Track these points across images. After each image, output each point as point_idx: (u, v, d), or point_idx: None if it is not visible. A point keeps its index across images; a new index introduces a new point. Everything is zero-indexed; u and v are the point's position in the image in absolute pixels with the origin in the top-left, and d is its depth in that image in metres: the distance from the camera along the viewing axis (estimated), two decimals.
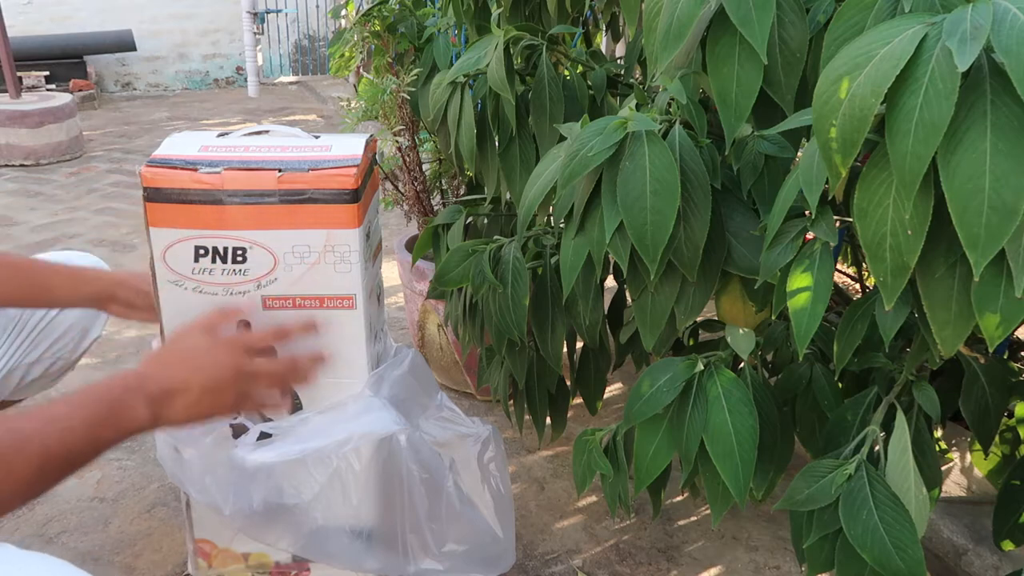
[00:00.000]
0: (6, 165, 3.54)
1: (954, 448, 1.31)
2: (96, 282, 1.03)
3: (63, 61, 4.99)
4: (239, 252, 0.89)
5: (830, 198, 0.68)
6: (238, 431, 0.94)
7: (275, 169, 0.87)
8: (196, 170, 0.86)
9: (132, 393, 0.76)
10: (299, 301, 0.92)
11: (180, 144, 0.92)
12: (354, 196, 0.87)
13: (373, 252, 1.00)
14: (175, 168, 0.86)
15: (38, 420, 0.71)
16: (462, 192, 1.69)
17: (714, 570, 1.25)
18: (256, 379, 0.84)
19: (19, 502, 0.70)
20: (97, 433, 0.74)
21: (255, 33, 5.22)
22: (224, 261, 0.89)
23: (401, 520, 0.98)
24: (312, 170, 0.87)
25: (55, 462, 0.71)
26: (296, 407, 0.97)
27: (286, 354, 0.90)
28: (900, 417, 0.77)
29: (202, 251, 0.89)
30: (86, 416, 0.73)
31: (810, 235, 0.71)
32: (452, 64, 1.23)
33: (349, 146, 0.94)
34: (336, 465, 0.92)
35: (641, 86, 1.00)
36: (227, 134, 0.96)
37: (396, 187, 1.68)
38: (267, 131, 0.97)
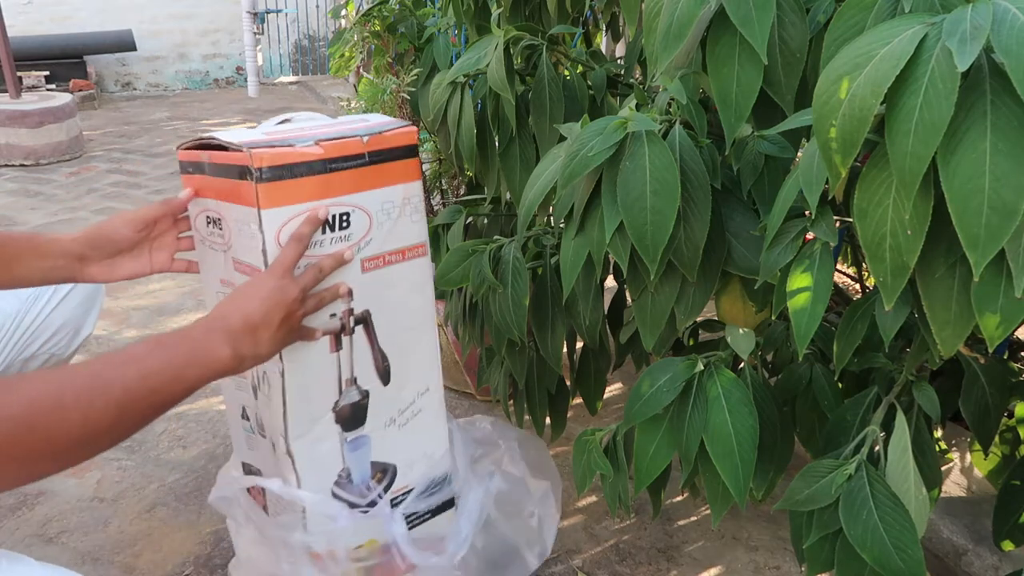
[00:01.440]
0: (6, 165, 3.54)
1: (954, 448, 1.31)
2: (57, 255, 0.92)
3: (63, 61, 4.99)
4: (344, 218, 0.90)
5: (830, 198, 0.68)
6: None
7: (357, 136, 0.90)
8: (294, 146, 0.86)
9: (214, 333, 0.78)
10: (388, 257, 0.95)
11: (240, 136, 0.90)
12: (416, 150, 0.95)
13: None
14: (275, 147, 0.85)
15: (118, 364, 0.71)
16: (462, 192, 1.69)
17: (714, 570, 1.25)
18: (309, 290, 0.85)
19: (100, 447, 0.70)
20: (181, 374, 0.74)
21: (255, 33, 5.22)
22: (332, 229, 0.90)
23: None
24: (384, 132, 0.92)
25: (138, 405, 0.71)
26: (386, 368, 0.98)
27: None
28: (900, 417, 0.77)
29: None
30: (169, 357, 0.74)
31: (810, 235, 0.71)
32: (452, 64, 1.23)
33: (379, 117, 1.00)
34: None
35: (641, 86, 1.00)
36: (254, 126, 0.98)
37: None
38: (289, 119, 0.99)
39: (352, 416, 0.97)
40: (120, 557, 1.25)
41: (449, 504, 1.08)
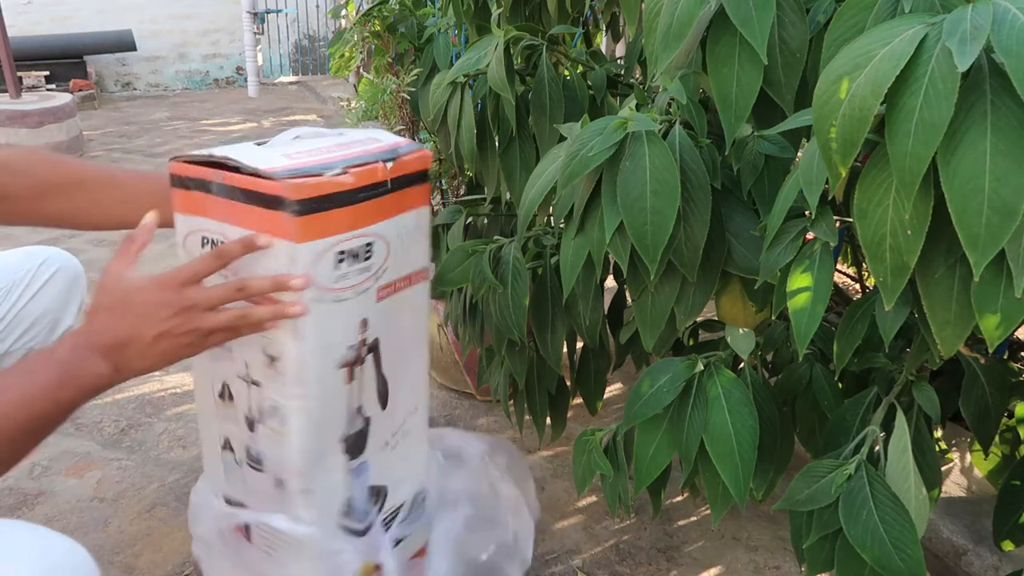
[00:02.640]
0: None
1: (954, 448, 1.31)
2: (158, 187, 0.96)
3: (63, 61, 4.99)
4: (367, 248, 0.86)
5: (830, 198, 0.68)
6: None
7: (379, 161, 0.87)
8: (322, 175, 0.81)
9: (84, 351, 0.75)
10: (398, 284, 0.92)
11: (258, 157, 0.85)
12: (428, 175, 0.92)
13: None
14: (308, 177, 0.80)
15: None
16: (462, 192, 1.69)
17: (714, 570, 1.25)
18: (206, 310, 0.78)
19: None
20: (57, 396, 0.72)
21: (255, 33, 5.22)
22: (356, 260, 0.86)
23: None
24: (400, 157, 0.89)
25: (23, 433, 0.71)
26: (384, 392, 0.96)
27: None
28: (900, 417, 0.77)
29: (340, 255, 0.84)
30: (42, 382, 0.72)
31: (810, 235, 0.71)
32: (452, 64, 1.23)
33: (387, 135, 0.96)
34: None
35: (641, 86, 1.00)
36: (265, 142, 0.92)
37: None
38: (298, 136, 0.95)
39: (356, 444, 0.95)
40: (120, 557, 1.25)
41: (425, 516, 1.07)
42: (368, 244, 0.86)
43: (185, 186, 0.87)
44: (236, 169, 0.82)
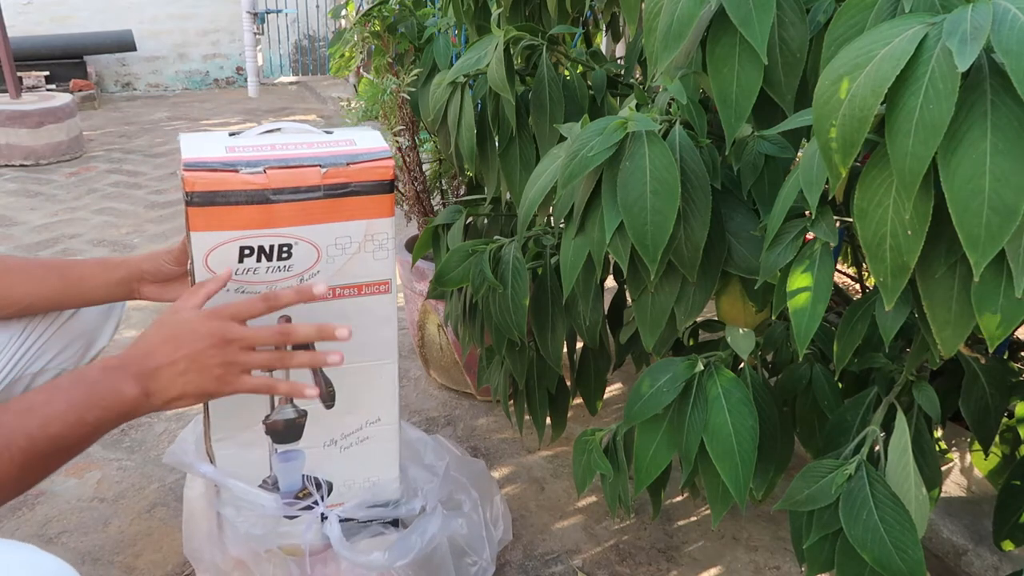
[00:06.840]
0: (6, 165, 3.54)
1: (954, 448, 1.31)
2: (123, 266, 1.00)
3: (63, 61, 4.99)
4: (284, 248, 0.89)
5: (830, 198, 0.68)
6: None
7: (316, 165, 0.87)
8: (237, 171, 0.84)
9: (114, 372, 0.75)
10: (339, 291, 0.93)
11: (201, 147, 0.89)
12: (390, 187, 0.91)
13: None
14: (216, 171, 0.84)
15: (16, 412, 0.70)
16: (462, 192, 1.69)
17: (714, 570, 1.25)
18: (245, 348, 0.80)
19: (5, 499, 0.69)
20: (82, 417, 0.72)
21: (255, 33, 5.22)
22: (269, 259, 0.88)
23: None
24: (351, 164, 0.89)
25: (40, 454, 0.70)
26: (329, 394, 0.98)
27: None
28: (900, 417, 0.77)
29: (247, 251, 0.87)
30: (68, 400, 0.72)
31: (810, 235, 0.71)
32: (452, 64, 1.23)
33: (372, 139, 0.96)
34: None
35: (641, 86, 1.00)
36: (238, 134, 0.95)
37: (396, 187, 1.68)
38: (279, 128, 0.97)
39: (284, 431, 0.99)
40: (120, 557, 1.25)
41: (393, 524, 1.10)
42: (286, 245, 0.89)
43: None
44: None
